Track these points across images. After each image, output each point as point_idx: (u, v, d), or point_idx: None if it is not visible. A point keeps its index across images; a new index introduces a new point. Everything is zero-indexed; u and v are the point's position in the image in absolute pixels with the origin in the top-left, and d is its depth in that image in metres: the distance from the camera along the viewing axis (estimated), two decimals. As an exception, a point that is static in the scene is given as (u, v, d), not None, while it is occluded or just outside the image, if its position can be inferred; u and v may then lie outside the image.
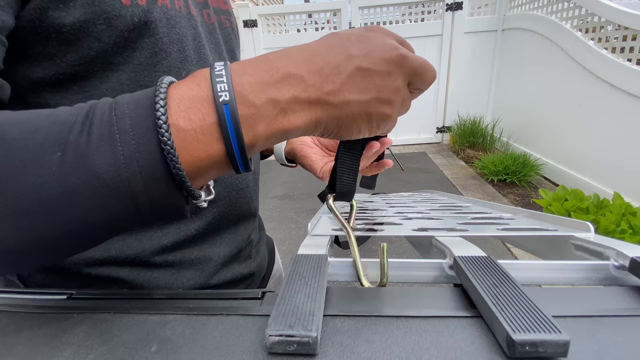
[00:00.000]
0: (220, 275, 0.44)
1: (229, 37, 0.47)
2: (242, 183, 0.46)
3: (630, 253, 0.25)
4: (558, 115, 2.85)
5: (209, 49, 0.40)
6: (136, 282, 0.38)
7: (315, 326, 0.18)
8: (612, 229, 1.64)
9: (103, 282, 0.37)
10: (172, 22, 0.34)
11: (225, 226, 0.45)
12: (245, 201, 0.47)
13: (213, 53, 0.42)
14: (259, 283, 0.54)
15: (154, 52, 0.33)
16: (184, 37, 0.36)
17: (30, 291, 0.27)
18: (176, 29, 0.34)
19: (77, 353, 0.20)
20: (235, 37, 0.49)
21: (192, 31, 0.37)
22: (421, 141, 4.41)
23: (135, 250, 0.37)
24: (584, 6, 2.50)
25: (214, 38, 0.42)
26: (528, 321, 0.18)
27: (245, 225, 0.49)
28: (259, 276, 0.53)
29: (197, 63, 0.38)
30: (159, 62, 0.33)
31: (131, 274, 0.38)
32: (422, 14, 3.91)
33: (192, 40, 0.37)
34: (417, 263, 0.28)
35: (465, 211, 0.50)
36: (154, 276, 0.39)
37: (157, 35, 0.32)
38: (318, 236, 0.34)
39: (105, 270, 0.37)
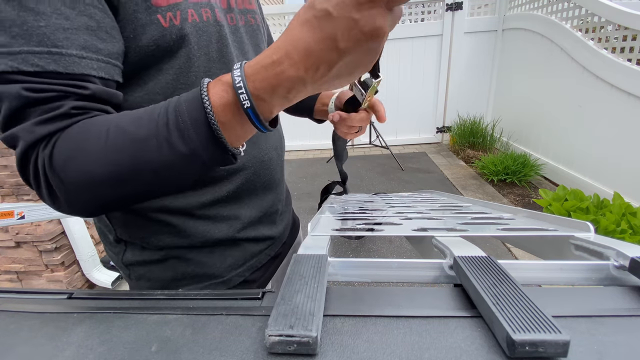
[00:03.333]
0: (247, 232, 0.55)
1: (255, 33, 0.55)
2: (265, 156, 0.55)
3: (630, 253, 0.25)
4: (558, 115, 2.85)
5: (233, 47, 0.49)
6: (182, 227, 0.50)
7: (315, 326, 0.18)
8: (612, 229, 1.64)
9: (160, 225, 0.49)
10: (200, 32, 0.43)
11: (251, 192, 0.55)
12: (269, 172, 0.57)
13: (236, 50, 0.50)
14: (278, 247, 0.63)
15: (188, 57, 0.43)
16: (210, 42, 0.45)
17: (31, 291, 0.27)
18: (203, 37, 0.44)
19: (77, 353, 0.20)
20: (260, 32, 0.57)
21: (216, 35, 0.46)
22: (421, 141, 4.41)
23: (182, 204, 0.49)
24: (584, 6, 2.49)
25: (237, 37, 0.51)
26: (528, 321, 0.18)
27: (270, 194, 0.59)
28: (279, 242, 0.63)
29: (219, 61, 0.47)
30: (191, 65, 0.43)
31: (179, 221, 0.49)
32: (422, 14, 3.91)
33: (216, 43, 0.46)
34: (417, 263, 0.28)
35: (465, 211, 0.50)
36: (195, 225, 0.50)
37: (190, 45, 0.42)
38: (318, 236, 0.34)
39: (162, 216, 0.49)
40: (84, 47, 0.33)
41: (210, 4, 0.45)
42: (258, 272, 0.59)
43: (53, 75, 0.32)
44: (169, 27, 0.40)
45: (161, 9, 0.39)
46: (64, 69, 0.32)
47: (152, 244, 0.50)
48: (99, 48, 0.35)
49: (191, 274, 0.52)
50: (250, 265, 0.57)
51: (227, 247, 0.54)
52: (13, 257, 1.72)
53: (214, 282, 0.54)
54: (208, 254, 0.52)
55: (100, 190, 0.32)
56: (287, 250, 0.69)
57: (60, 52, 0.32)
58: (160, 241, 0.50)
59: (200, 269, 0.52)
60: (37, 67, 0.31)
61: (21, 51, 0.30)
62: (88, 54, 0.33)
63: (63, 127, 0.32)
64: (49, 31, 0.31)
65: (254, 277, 0.58)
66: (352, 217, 0.48)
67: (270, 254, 0.61)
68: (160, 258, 0.51)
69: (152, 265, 0.52)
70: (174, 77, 0.43)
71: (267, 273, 0.62)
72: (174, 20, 0.40)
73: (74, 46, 0.32)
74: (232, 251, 0.54)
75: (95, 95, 0.35)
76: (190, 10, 0.42)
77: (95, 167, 0.31)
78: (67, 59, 0.32)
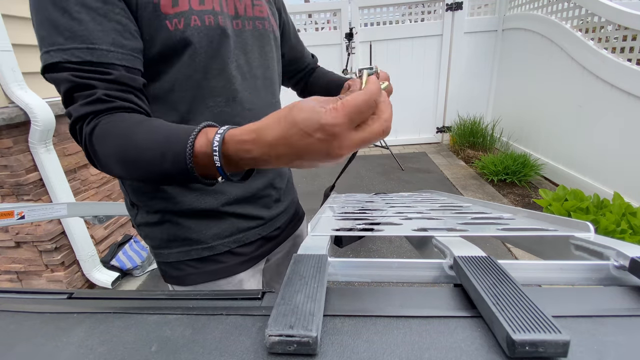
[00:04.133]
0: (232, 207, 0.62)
1: (261, 37, 0.62)
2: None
3: (630, 253, 0.25)
4: (558, 115, 2.85)
5: (234, 47, 0.57)
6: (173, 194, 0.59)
7: (315, 326, 0.18)
8: (612, 229, 1.64)
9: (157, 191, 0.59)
10: (202, 34, 0.51)
11: None
12: None
13: (237, 49, 0.58)
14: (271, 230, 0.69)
15: (190, 55, 0.52)
16: (210, 42, 0.53)
17: (31, 291, 0.27)
18: (204, 39, 0.52)
19: (77, 353, 0.20)
20: (269, 37, 0.63)
21: (217, 37, 0.53)
22: (421, 141, 4.41)
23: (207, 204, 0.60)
24: (584, 6, 2.49)
25: (241, 39, 0.58)
26: (528, 321, 0.18)
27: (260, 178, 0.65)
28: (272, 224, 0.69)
29: (216, 57, 0.54)
30: (192, 61, 0.52)
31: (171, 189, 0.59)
32: (422, 14, 3.91)
33: (216, 43, 0.53)
34: (417, 263, 0.28)
35: (465, 211, 0.50)
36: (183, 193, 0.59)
37: (192, 45, 0.51)
38: (318, 236, 0.34)
39: None
40: (112, 44, 0.45)
41: (214, 12, 0.53)
42: (246, 247, 0.65)
43: (89, 64, 0.44)
44: (174, 30, 0.49)
45: (169, 16, 0.49)
46: (96, 59, 0.44)
47: (152, 208, 0.60)
48: (124, 44, 0.46)
49: (181, 237, 0.61)
50: (237, 238, 0.64)
51: (213, 218, 0.61)
52: (13, 257, 1.72)
53: (200, 247, 0.61)
54: (196, 221, 0.60)
55: (116, 171, 0.45)
56: (286, 237, 0.75)
57: (94, 47, 0.44)
58: (157, 205, 0.60)
59: (189, 233, 0.61)
60: (79, 58, 0.43)
61: (70, 47, 0.43)
62: (115, 48, 0.45)
63: (99, 110, 0.44)
64: (88, 33, 0.43)
65: (241, 251, 0.64)
66: (352, 217, 0.48)
67: (260, 233, 0.67)
68: (157, 221, 0.61)
69: (153, 227, 0.61)
70: (178, 69, 0.52)
71: (259, 251, 0.67)
72: (178, 25, 0.49)
73: (105, 43, 0.44)
74: (218, 222, 0.62)
75: (118, 80, 0.45)
76: (194, 17, 0.51)
77: (113, 159, 0.44)
78: (99, 52, 0.44)
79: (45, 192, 1.61)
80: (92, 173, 1.90)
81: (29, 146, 1.53)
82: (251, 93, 0.60)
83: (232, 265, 0.63)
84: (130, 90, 0.47)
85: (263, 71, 0.63)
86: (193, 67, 0.53)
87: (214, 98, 0.56)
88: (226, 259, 0.63)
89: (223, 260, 0.62)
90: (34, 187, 1.57)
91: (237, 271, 0.64)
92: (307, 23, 4.01)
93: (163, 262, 0.62)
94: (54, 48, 0.43)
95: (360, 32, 3.95)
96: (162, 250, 0.62)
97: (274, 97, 0.66)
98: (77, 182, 1.79)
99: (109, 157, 0.44)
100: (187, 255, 0.61)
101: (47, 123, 1.51)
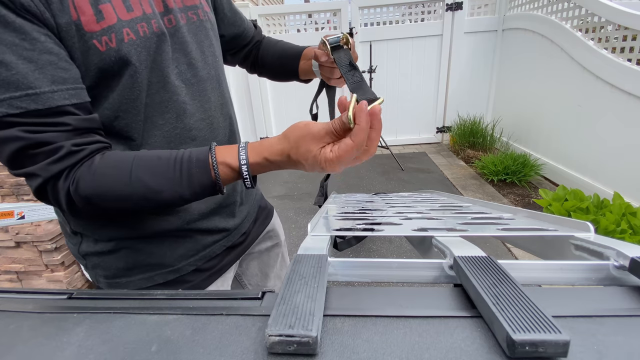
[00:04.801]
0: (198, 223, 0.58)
1: (198, 30, 0.55)
2: None
3: (630, 253, 0.25)
4: (558, 115, 2.85)
5: (172, 50, 0.51)
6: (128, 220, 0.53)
7: (315, 326, 0.18)
8: (612, 229, 1.64)
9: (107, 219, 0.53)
10: (139, 48, 0.45)
11: None
12: None
13: (177, 52, 0.52)
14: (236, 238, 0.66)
15: (131, 75, 0.46)
16: (148, 55, 0.47)
17: (31, 291, 0.27)
18: (143, 53, 0.46)
19: (77, 353, 0.20)
20: (205, 26, 0.56)
21: (154, 46, 0.47)
22: (421, 141, 4.41)
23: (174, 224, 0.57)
24: (584, 6, 2.49)
25: (178, 39, 0.52)
26: (528, 321, 0.18)
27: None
28: (237, 233, 0.66)
29: (156, 70, 0.48)
30: (134, 81, 0.46)
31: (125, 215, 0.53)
32: (422, 14, 3.91)
33: (153, 54, 0.48)
34: (417, 263, 0.28)
35: (465, 211, 0.50)
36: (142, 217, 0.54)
37: (132, 64, 0.45)
38: (318, 236, 0.34)
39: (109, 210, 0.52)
40: (52, 82, 0.39)
41: (146, 16, 0.46)
42: (212, 261, 0.62)
43: (35, 113, 0.38)
44: (106, 50, 0.43)
45: (95, 34, 0.42)
46: (42, 106, 0.38)
47: (103, 236, 0.54)
48: (65, 78, 0.40)
49: (142, 263, 0.55)
50: (203, 255, 0.60)
51: (178, 238, 0.57)
52: (13, 257, 1.72)
53: (165, 271, 0.57)
54: (158, 244, 0.55)
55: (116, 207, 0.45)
56: (254, 239, 0.73)
57: (35, 92, 0.38)
58: (109, 233, 0.53)
59: (151, 258, 0.55)
60: (22, 109, 0.37)
61: (4, 98, 0.37)
62: (58, 86, 0.39)
63: (73, 163, 0.41)
64: (21, 77, 0.37)
65: (207, 266, 0.61)
66: (352, 217, 0.48)
67: (225, 245, 0.63)
68: (112, 249, 0.54)
69: (105, 256, 0.55)
70: (120, 93, 0.46)
71: (223, 262, 0.64)
72: (109, 43, 0.43)
73: (45, 84, 0.38)
74: (183, 242, 0.57)
75: (77, 127, 0.42)
76: (126, 30, 0.44)
77: (113, 199, 0.43)
78: (42, 97, 0.38)
79: (45, 192, 1.61)
80: (92, 173, 1.89)
81: (29, 146, 1.53)
82: (200, 100, 0.55)
83: (199, 282, 0.60)
84: (91, 130, 0.44)
85: (207, 71, 0.57)
86: (136, 87, 0.46)
87: (163, 115, 0.51)
88: (193, 277, 0.59)
89: (190, 279, 0.59)
90: (34, 187, 1.57)
91: (204, 287, 0.61)
92: (307, 23, 4.01)
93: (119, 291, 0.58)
94: None
95: (360, 32, 3.95)
96: (119, 279, 0.56)
97: (222, 96, 0.61)
98: (77, 182, 1.79)
99: (108, 199, 0.43)
100: (151, 281, 0.56)
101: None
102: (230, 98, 0.65)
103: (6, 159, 0.39)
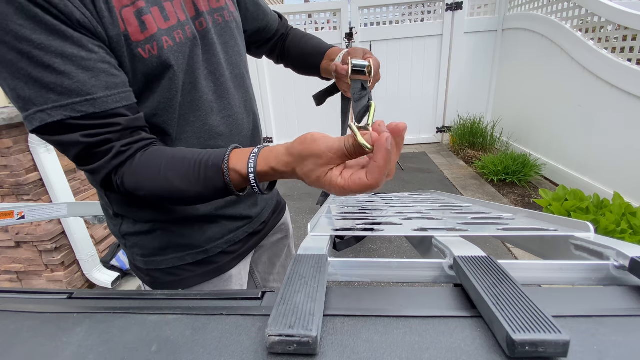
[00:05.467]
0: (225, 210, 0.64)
1: (223, 31, 0.59)
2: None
3: (630, 253, 0.25)
4: (558, 115, 2.85)
5: (202, 52, 0.55)
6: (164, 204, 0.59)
7: (315, 326, 0.18)
8: (612, 229, 1.64)
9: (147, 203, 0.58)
10: (176, 53, 0.50)
11: None
12: None
13: (206, 54, 0.56)
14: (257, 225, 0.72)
15: (170, 79, 0.51)
16: (184, 59, 0.52)
17: (31, 291, 0.27)
18: (180, 57, 0.51)
19: (77, 353, 0.20)
20: (229, 28, 0.60)
21: (188, 50, 0.52)
22: (421, 141, 4.41)
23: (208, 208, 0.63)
24: (584, 6, 2.49)
25: (207, 41, 0.56)
26: (528, 321, 0.18)
27: None
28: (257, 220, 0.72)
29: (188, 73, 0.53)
30: (172, 83, 0.51)
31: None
32: (422, 14, 3.91)
33: (188, 57, 0.52)
34: (417, 263, 0.28)
35: (465, 211, 0.50)
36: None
37: (171, 68, 0.50)
38: (318, 236, 0.34)
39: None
40: (107, 88, 0.44)
41: (180, 24, 0.51)
42: (236, 245, 0.68)
43: (94, 116, 0.44)
44: (149, 57, 0.48)
45: (140, 43, 0.47)
46: (99, 109, 0.44)
47: (142, 218, 0.60)
48: (116, 83, 0.45)
49: (175, 243, 0.61)
50: (228, 239, 0.66)
51: (206, 223, 0.63)
52: (13, 257, 1.72)
53: (194, 252, 0.62)
54: (189, 227, 0.61)
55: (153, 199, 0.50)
56: (270, 229, 0.79)
57: (93, 97, 0.43)
58: (147, 215, 0.60)
59: (183, 239, 0.61)
60: (82, 112, 0.43)
61: (68, 103, 0.42)
62: (111, 92, 0.45)
63: (122, 161, 0.47)
64: (81, 84, 0.42)
65: (232, 249, 0.67)
66: (352, 217, 0.48)
67: (247, 231, 0.69)
68: (149, 230, 0.60)
69: (142, 236, 0.61)
70: (159, 94, 0.52)
71: (245, 247, 0.70)
72: (152, 51, 0.48)
73: (100, 89, 0.44)
74: (211, 226, 0.63)
75: (127, 127, 0.47)
76: (164, 37, 0.49)
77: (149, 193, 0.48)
78: (99, 102, 0.44)
79: (45, 192, 1.61)
80: (92, 173, 1.89)
81: (29, 146, 1.53)
82: (226, 99, 0.60)
83: (224, 263, 0.66)
84: (139, 128, 0.49)
85: (232, 70, 0.61)
86: (173, 89, 0.52)
87: (194, 113, 0.56)
88: (219, 259, 0.65)
89: (216, 261, 0.65)
90: (34, 187, 1.57)
91: (228, 268, 0.67)
92: (307, 23, 4.01)
93: (154, 269, 0.62)
94: (49, 106, 0.41)
95: (360, 32, 3.95)
96: (154, 257, 0.62)
97: (247, 93, 0.65)
98: (77, 182, 1.79)
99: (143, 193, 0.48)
100: (182, 260, 0.62)
101: (47, 123, 1.51)
102: (253, 94, 0.69)
103: (73, 159, 0.47)
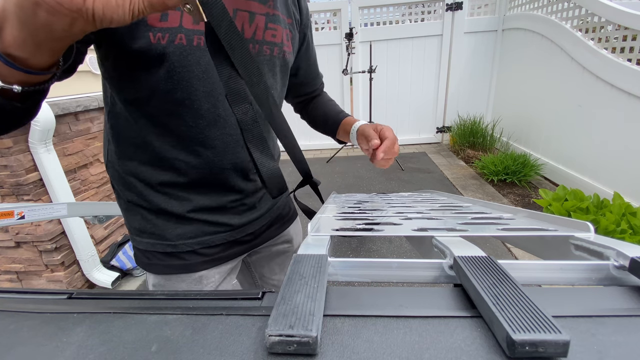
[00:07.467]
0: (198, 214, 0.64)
1: (262, 64, 0.61)
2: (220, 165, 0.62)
3: (630, 253, 0.25)
4: (558, 115, 2.85)
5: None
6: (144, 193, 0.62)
7: (315, 326, 0.18)
8: (612, 229, 1.64)
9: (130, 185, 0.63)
10: (185, 53, 0.51)
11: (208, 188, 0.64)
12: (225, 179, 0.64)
13: None
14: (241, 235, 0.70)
15: (167, 71, 0.52)
16: (198, 63, 0.53)
17: (31, 291, 0.27)
18: (189, 58, 0.52)
19: (77, 353, 0.20)
20: (272, 63, 0.62)
21: (205, 58, 0.53)
22: (421, 141, 4.41)
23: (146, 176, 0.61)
24: (584, 6, 2.50)
25: None
26: (528, 321, 0.18)
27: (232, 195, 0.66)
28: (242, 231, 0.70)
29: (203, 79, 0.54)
30: (169, 77, 0.52)
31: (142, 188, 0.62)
32: (422, 14, 3.91)
33: (205, 65, 0.53)
34: (417, 263, 0.28)
35: (465, 211, 0.50)
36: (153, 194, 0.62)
37: (169, 62, 0.51)
38: (318, 236, 0.34)
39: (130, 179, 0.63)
40: None
41: None
42: (210, 249, 0.67)
43: None
44: (155, 43, 0.49)
45: (154, 28, 0.49)
46: None
47: (127, 197, 0.64)
48: None
49: (149, 230, 0.64)
50: (201, 241, 0.66)
51: (179, 220, 0.64)
52: (13, 257, 1.72)
53: (164, 243, 0.64)
54: (163, 220, 0.64)
55: None
56: (264, 241, 0.78)
57: None
58: (130, 196, 0.64)
59: (155, 229, 0.64)
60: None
61: None
62: None
63: None
64: None
65: (205, 252, 0.67)
66: (352, 217, 0.48)
67: (227, 239, 0.69)
68: (128, 208, 0.65)
69: (128, 214, 0.66)
70: (156, 81, 0.53)
71: (224, 253, 0.69)
72: (161, 40, 0.49)
73: None
74: (184, 225, 0.64)
75: None
76: (180, 35, 0.50)
77: None
78: None
79: (45, 192, 1.61)
80: (92, 173, 1.90)
81: (29, 146, 1.53)
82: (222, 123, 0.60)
83: (193, 263, 0.66)
84: None
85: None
86: (172, 86, 0.53)
87: (196, 120, 0.56)
88: (189, 257, 0.65)
89: (185, 258, 0.65)
90: (34, 187, 1.57)
91: (198, 269, 0.66)
92: (307, 23, 4.01)
93: (136, 247, 0.67)
94: None
95: (360, 32, 3.95)
96: (135, 237, 0.66)
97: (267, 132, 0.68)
98: (77, 182, 1.79)
99: None
100: (153, 247, 0.64)
101: (46, 123, 1.51)
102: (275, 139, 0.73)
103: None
